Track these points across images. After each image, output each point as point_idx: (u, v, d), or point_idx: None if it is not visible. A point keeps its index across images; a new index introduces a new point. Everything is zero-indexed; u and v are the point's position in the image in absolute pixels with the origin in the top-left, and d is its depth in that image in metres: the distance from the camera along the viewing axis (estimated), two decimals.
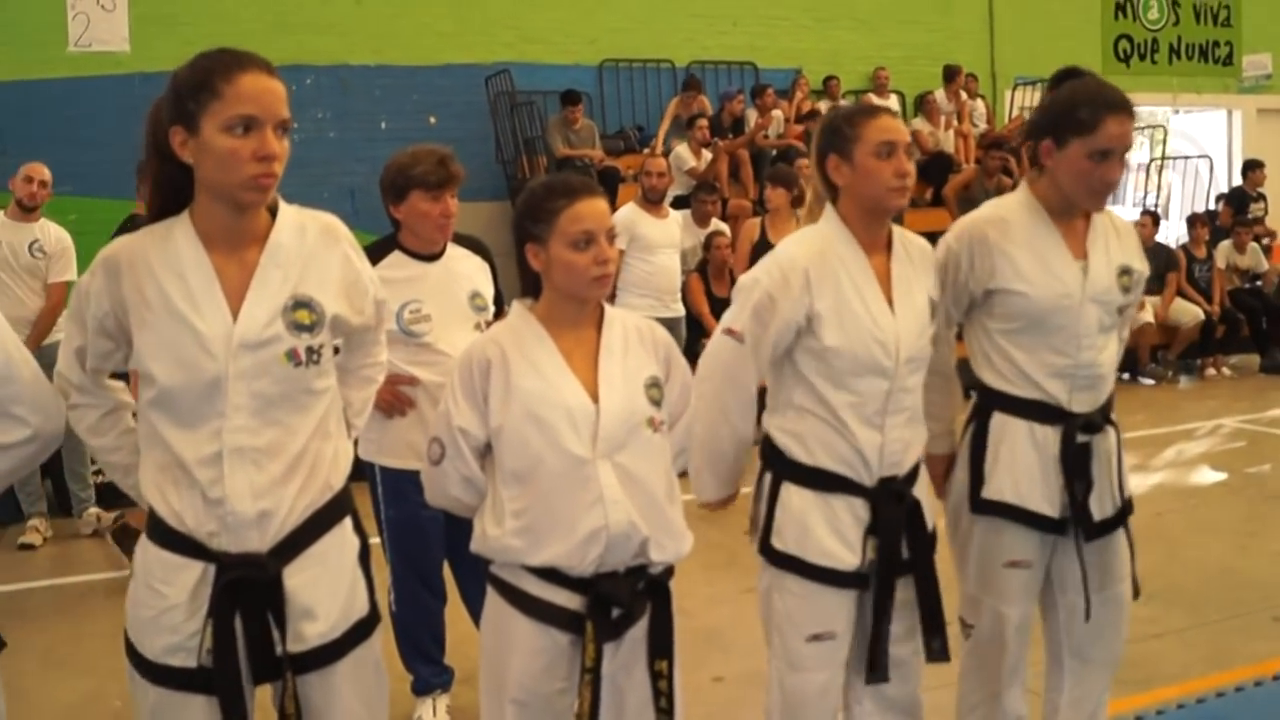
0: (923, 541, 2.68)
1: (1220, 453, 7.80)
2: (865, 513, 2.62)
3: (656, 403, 2.44)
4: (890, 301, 2.62)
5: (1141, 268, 2.96)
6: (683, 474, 2.66)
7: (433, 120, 11.41)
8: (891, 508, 2.62)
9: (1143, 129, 14.18)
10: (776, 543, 2.64)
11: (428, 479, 2.52)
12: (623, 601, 2.37)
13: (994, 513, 2.86)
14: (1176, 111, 17.76)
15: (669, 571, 2.49)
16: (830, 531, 2.60)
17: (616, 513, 2.33)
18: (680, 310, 7.50)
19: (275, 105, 2.15)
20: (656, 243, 7.32)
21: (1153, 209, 11.17)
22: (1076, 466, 2.81)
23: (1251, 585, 4.59)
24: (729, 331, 2.65)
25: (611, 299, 7.34)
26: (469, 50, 11.50)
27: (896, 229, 2.73)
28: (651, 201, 7.46)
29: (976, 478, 2.88)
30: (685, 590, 5.08)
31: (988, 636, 2.94)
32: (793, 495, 2.63)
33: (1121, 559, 2.93)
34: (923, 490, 2.74)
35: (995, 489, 2.84)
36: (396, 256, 3.61)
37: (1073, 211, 2.87)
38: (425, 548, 3.67)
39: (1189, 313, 10.26)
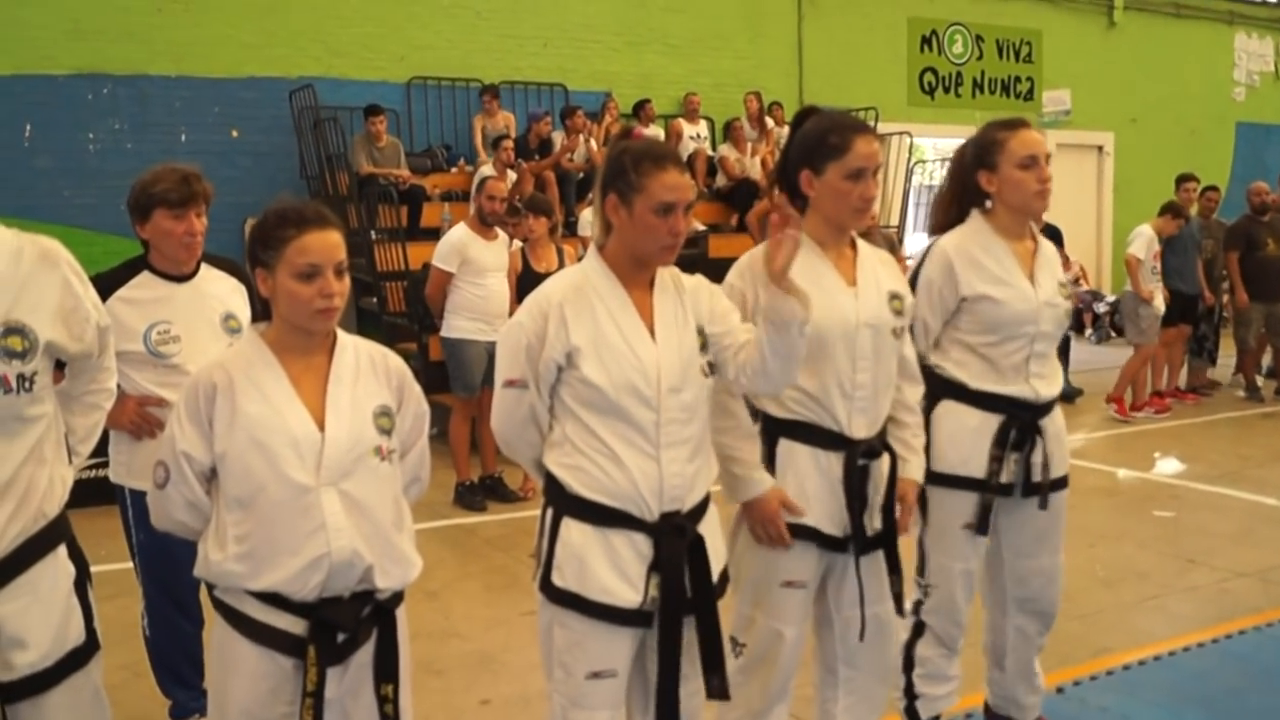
0: (705, 578, 2.63)
1: None
2: (647, 548, 2.56)
3: (386, 431, 2.47)
4: (652, 332, 2.60)
5: (908, 293, 3.12)
6: None
7: (235, 134, 11.19)
8: (673, 543, 2.57)
9: (948, 159, 14.78)
10: (556, 579, 2.58)
11: (153, 502, 2.49)
12: (346, 626, 2.38)
13: None
14: None
15: (397, 597, 2.51)
16: (610, 568, 2.55)
17: (339, 540, 2.35)
18: None
19: None
20: (487, 266, 7.22)
21: None
22: (857, 487, 2.94)
23: None
24: (510, 383, 2.62)
25: (440, 321, 7.29)
26: (273, 63, 11.30)
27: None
28: (485, 224, 7.35)
29: None
30: (464, 612, 5.24)
31: (760, 654, 3.03)
32: (572, 530, 2.57)
33: (884, 578, 3.07)
34: (710, 527, 2.69)
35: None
36: (145, 277, 3.56)
37: (840, 241, 3.03)
38: (177, 571, 3.57)
39: None
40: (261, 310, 2.52)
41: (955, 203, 3.48)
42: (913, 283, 3.38)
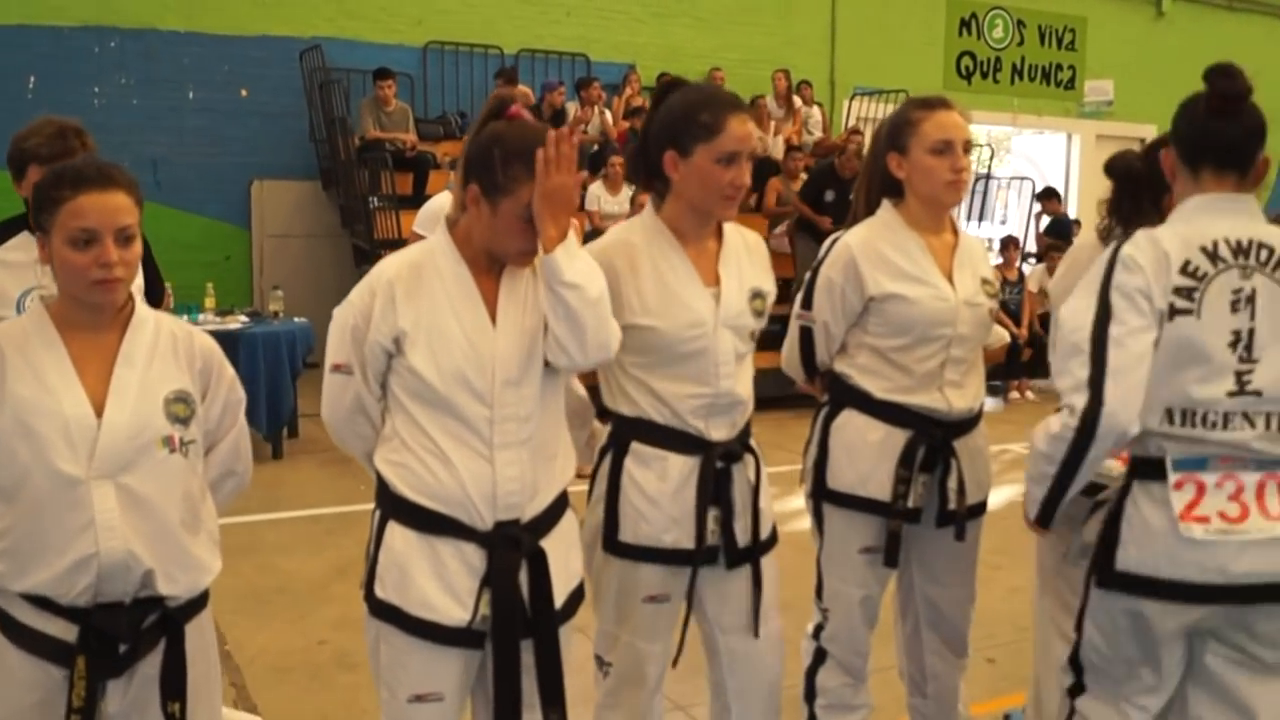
0: (545, 598, 2.37)
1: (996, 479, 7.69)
2: (479, 561, 2.31)
3: (181, 420, 2.23)
4: (495, 319, 2.34)
5: (770, 289, 2.80)
6: None
7: (244, 93, 11.02)
8: (506, 557, 2.30)
9: (980, 145, 14.42)
10: (378, 590, 2.33)
11: None
12: (123, 635, 2.16)
13: (631, 555, 2.69)
14: (1019, 132, 18.08)
15: (193, 604, 2.28)
16: (434, 580, 2.30)
17: (110, 540, 2.12)
18: None
19: None
20: None
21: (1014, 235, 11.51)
22: (716, 492, 2.67)
23: (977, 622, 4.33)
24: (336, 368, 2.39)
25: None
26: (285, 22, 11.13)
27: None
28: None
29: (612, 520, 2.69)
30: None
31: (626, 675, 2.77)
32: (396, 536, 2.32)
33: (767, 594, 2.79)
34: (560, 540, 2.43)
35: (630, 530, 2.68)
36: (24, 238, 3.30)
37: (703, 233, 2.71)
38: None
39: (996, 334, 10.31)
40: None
41: (868, 189, 3.12)
42: (812, 281, 3.07)
